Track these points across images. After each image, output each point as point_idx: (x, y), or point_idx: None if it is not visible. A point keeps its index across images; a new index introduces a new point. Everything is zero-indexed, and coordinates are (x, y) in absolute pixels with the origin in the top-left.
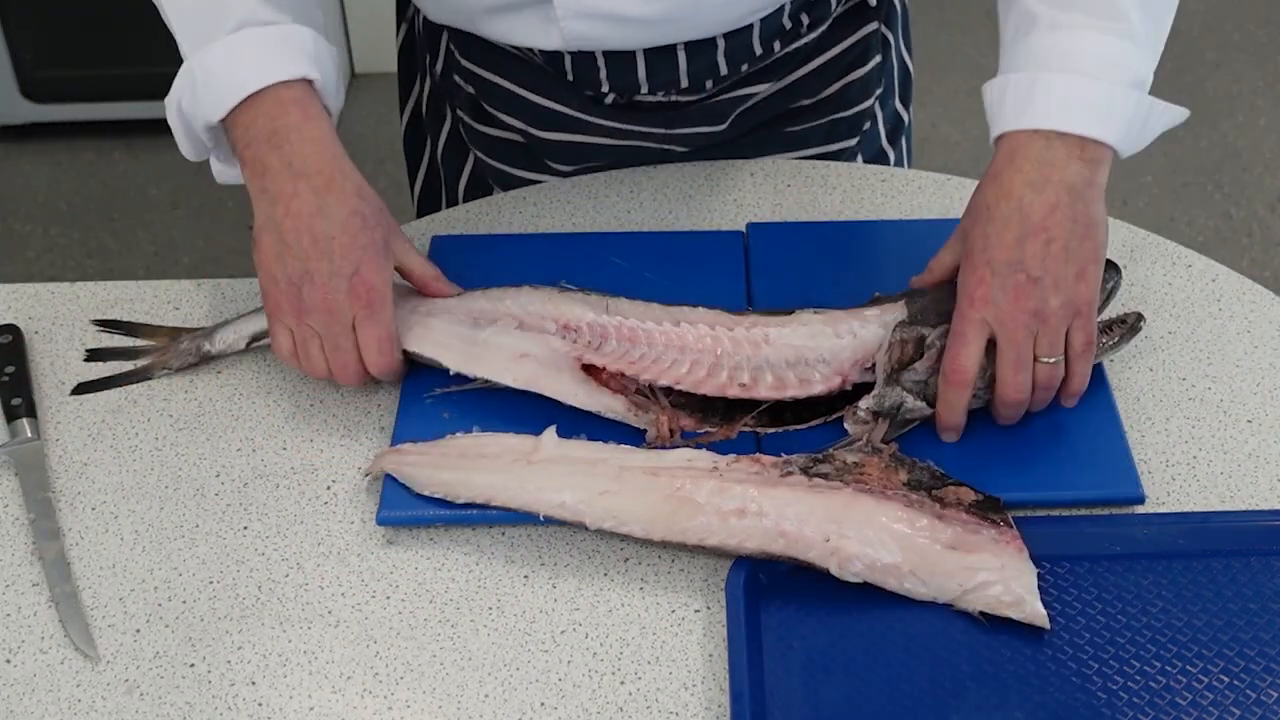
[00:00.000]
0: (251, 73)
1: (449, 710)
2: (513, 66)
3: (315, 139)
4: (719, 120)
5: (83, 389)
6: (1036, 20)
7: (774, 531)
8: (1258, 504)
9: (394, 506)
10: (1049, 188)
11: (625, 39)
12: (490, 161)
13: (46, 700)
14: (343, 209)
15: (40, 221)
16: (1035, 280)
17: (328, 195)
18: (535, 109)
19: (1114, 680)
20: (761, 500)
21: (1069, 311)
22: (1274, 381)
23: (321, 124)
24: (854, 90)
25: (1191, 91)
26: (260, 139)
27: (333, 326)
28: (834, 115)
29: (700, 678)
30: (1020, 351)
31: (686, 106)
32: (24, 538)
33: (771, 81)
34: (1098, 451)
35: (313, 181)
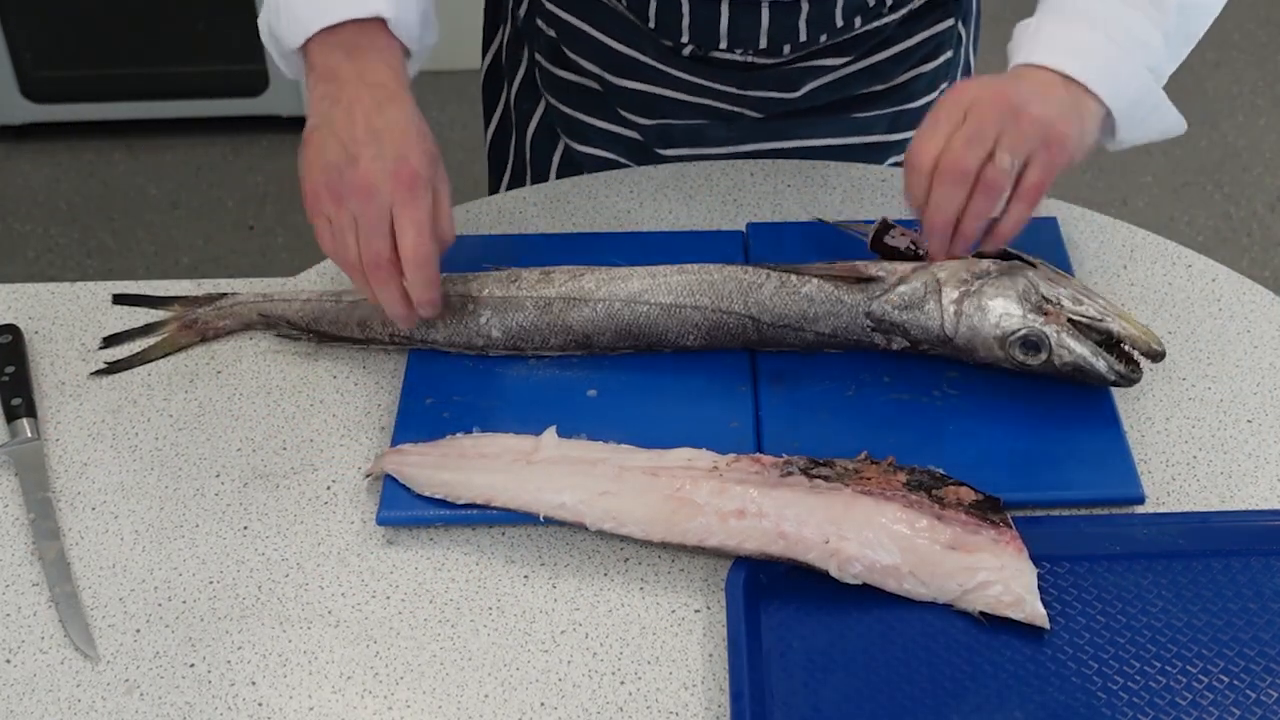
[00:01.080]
0: (329, 5)
1: (449, 710)
2: (596, 10)
3: (389, 64)
4: (792, 88)
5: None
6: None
7: (773, 533)
8: (1258, 504)
9: (394, 506)
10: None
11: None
12: (562, 108)
13: (46, 700)
14: (403, 117)
15: (40, 221)
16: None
17: (390, 105)
18: (614, 55)
19: (1113, 680)
20: (761, 501)
21: (1042, 134)
22: (1274, 381)
23: (395, 56)
24: (922, 82)
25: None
26: (337, 49)
27: (369, 208)
28: (901, 106)
29: (700, 678)
30: (980, 129)
31: (762, 69)
32: (24, 538)
33: (847, 58)
34: (1098, 451)
35: (379, 93)
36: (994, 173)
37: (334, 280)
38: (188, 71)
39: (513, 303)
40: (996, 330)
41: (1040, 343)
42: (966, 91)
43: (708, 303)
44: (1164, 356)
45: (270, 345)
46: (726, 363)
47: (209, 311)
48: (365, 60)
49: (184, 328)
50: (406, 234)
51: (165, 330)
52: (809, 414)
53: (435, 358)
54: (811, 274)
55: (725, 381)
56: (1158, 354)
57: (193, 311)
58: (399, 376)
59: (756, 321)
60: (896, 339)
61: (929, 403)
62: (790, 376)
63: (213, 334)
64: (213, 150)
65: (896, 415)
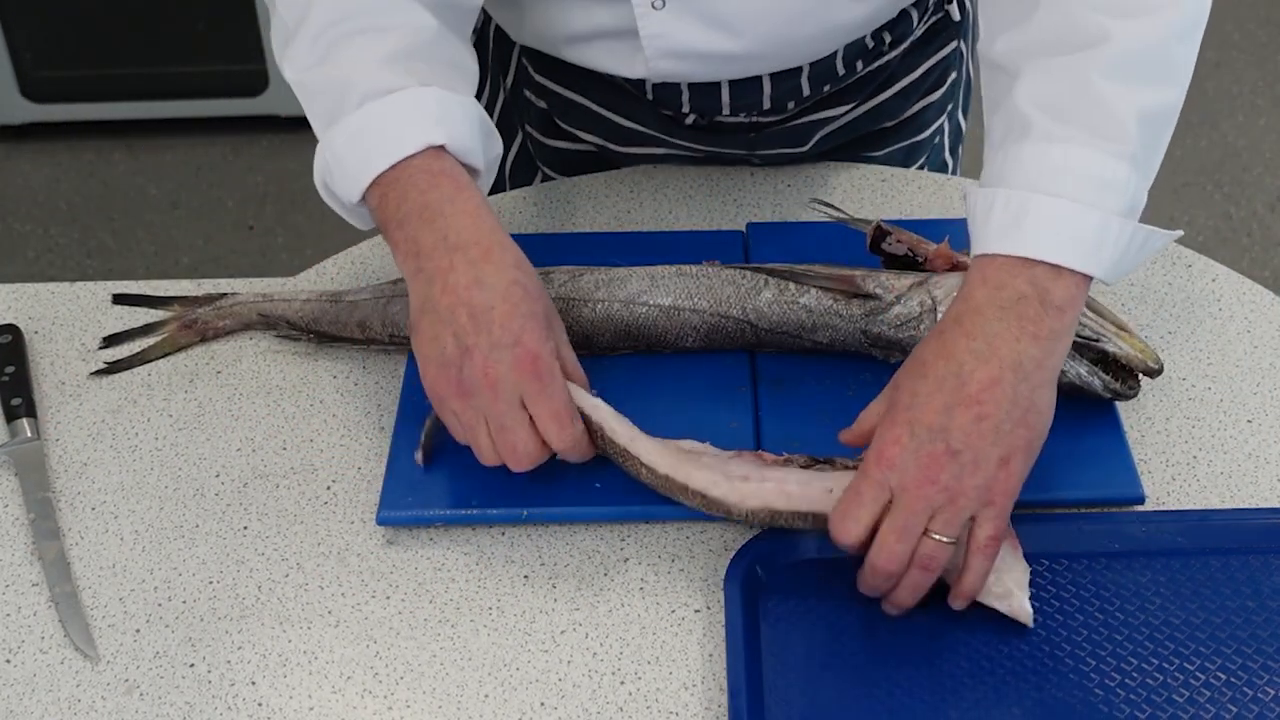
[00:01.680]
0: (376, 150)
1: (449, 710)
2: (590, 85)
3: (469, 211)
4: (801, 142)
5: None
6: (1030, 128)
7: (777, 492)
8: (1258, 504)
9: (394, 506)
10: (994, 360)
11: (711, 73)
12: (560, 178)
13: (46, 700)
14: (502, 279)
15: (40, 221)
16: (954, 454)
17: (485, 266)
18: (613, 126)
19: (1111, 677)
20: (767, 472)
21: (982, 498)
22: (1274, 381)
23: (473, 194)
24: (932, 110)
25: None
26: (412, 216)
27: (498, 404)
28: (914, 138)
29: (700, 677)
30: (910, 521)
31: (768, 128)
32: (24, 538)
33: (853, 103)
34: (1098, 451)
35: (469, 253)
36: (928, 551)
37: (334, 280)
38: (188, 71)
39: None
40: None
41: None
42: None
43: (706, 306)
44: (1161, 373)
45: (270, 345)
46: (726, 364)
47: (209, 311)
48: (443, 220)
49: (184, 328)
50: (547, 425)
51: (165, 330)
52: (808, 415)
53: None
54: (810, 282)
55: (725, 382)
56: (1154, 371)
57: (193, 311)
58: (399, 376)
59: (755, 327)
60: (895, 355)
61: None
62: (790, 378)
63: (213, 334)
64: (213, 150)
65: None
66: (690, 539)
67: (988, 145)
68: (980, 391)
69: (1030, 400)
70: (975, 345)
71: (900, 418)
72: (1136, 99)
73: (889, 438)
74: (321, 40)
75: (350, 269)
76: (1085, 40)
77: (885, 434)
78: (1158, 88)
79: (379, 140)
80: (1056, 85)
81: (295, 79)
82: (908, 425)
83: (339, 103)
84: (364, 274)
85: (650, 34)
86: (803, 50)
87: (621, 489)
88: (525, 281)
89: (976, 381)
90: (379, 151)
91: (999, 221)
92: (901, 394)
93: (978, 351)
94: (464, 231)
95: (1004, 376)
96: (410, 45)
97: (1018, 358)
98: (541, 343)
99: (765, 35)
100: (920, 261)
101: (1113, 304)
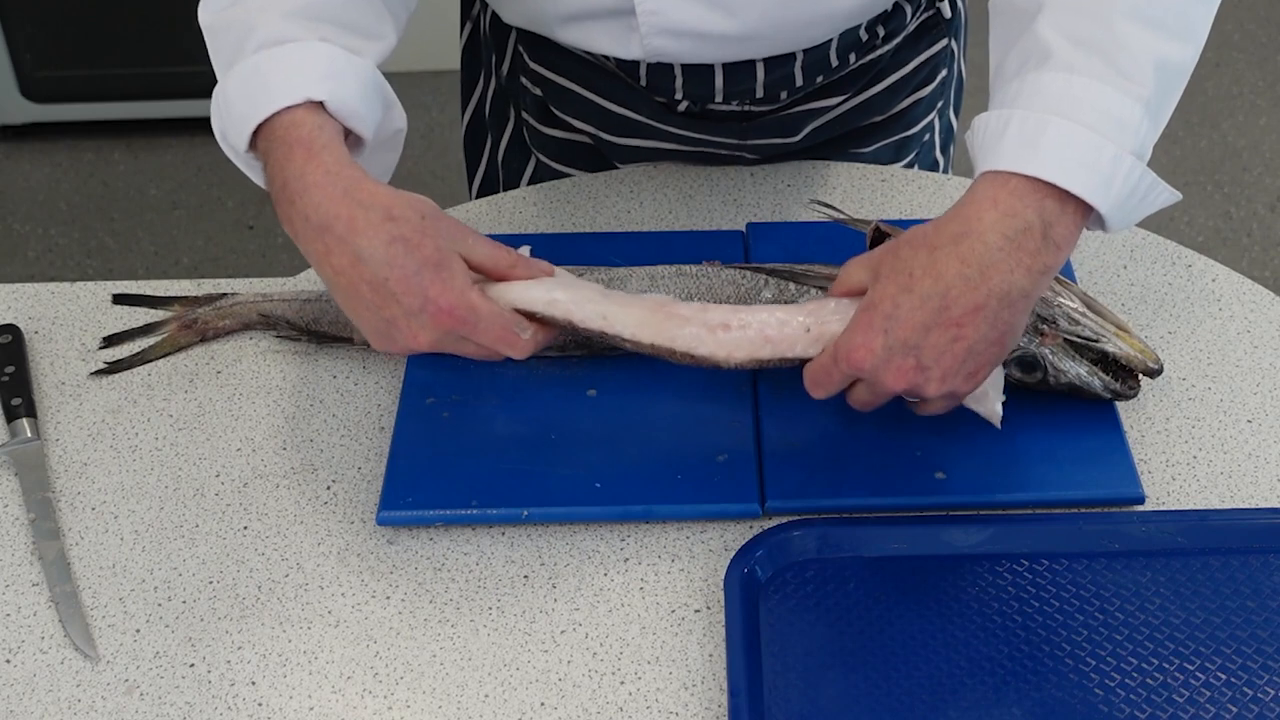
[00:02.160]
0: (260, 98)
1: (449, 710)
2: (584, 71)
3: (320, 182)
4: (792, 133)
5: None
6: (1050, 55)
7: (759, 339)
8: (1257, 504)
9: (394, 506)
10: (983, 288)
11: (706, 54)
12: (553, 164)
13: (46, 700)
14: (378, 244)
15: (40, 221)
16: (924, 369)
17: (357, 239)
18: (605, 114)
19: (1111, 677)
20: (744, 315)
21: (942, 401)
22: (1274, 381)
23: (321, 159)
24: (921, 107)
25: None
26: (279, 195)
27: (446, 345)
28: (904, 134)
29: (700, 677)
30: (876, 400)
31: (760, 117)
32: (24, 538)
33: (844, 95)
34: (1098, 451)
35: (336, 230)
36: None
37: None
38: (188, 71)
39: None
40: None
41: (1036, 363)
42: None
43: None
44: (1161, 373)
45: (270, 345)
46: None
47: (209, 311)
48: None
49: (184, 328)
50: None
51: (165, 330)
52: (808, 414)
53: (435, 358)
54: (810, 282)
55: (725, 381)
56: (1154, 371)
57: (193, 311)
58: (399, 376)
59: None
60: None
61: None
62: (790, 378)
63: (213, 334)
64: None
65: (897, 416)
66: (690, 539)
67: (997, 79)
68: (962, 316)
69: (1008, 324)
70: (968, 271)
71: (876, 323)
72: (1156, 46)
73: (859, 342)
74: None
75: None
76: None
77: (857, 337)
78: (1175, 41)
79: (264, 89)
80: (1080, 19)
81: (205, 21)
82: (882, 333)
83: (238, 47)
84: None
85: (646, 10)
86: (798, 35)
87: (621, 489)
88: (402, 232)
89: (960, 307)
90: (263, 99)
91: (1014, 140)
92: (882, 296)
93: (968, 277)
94: (322, 206)
95: (988, 304)
96: (321, 2)
97: (1007, 288)
98: (450, 292)
99: (760, 16)
100: None
101: (1113, 304)
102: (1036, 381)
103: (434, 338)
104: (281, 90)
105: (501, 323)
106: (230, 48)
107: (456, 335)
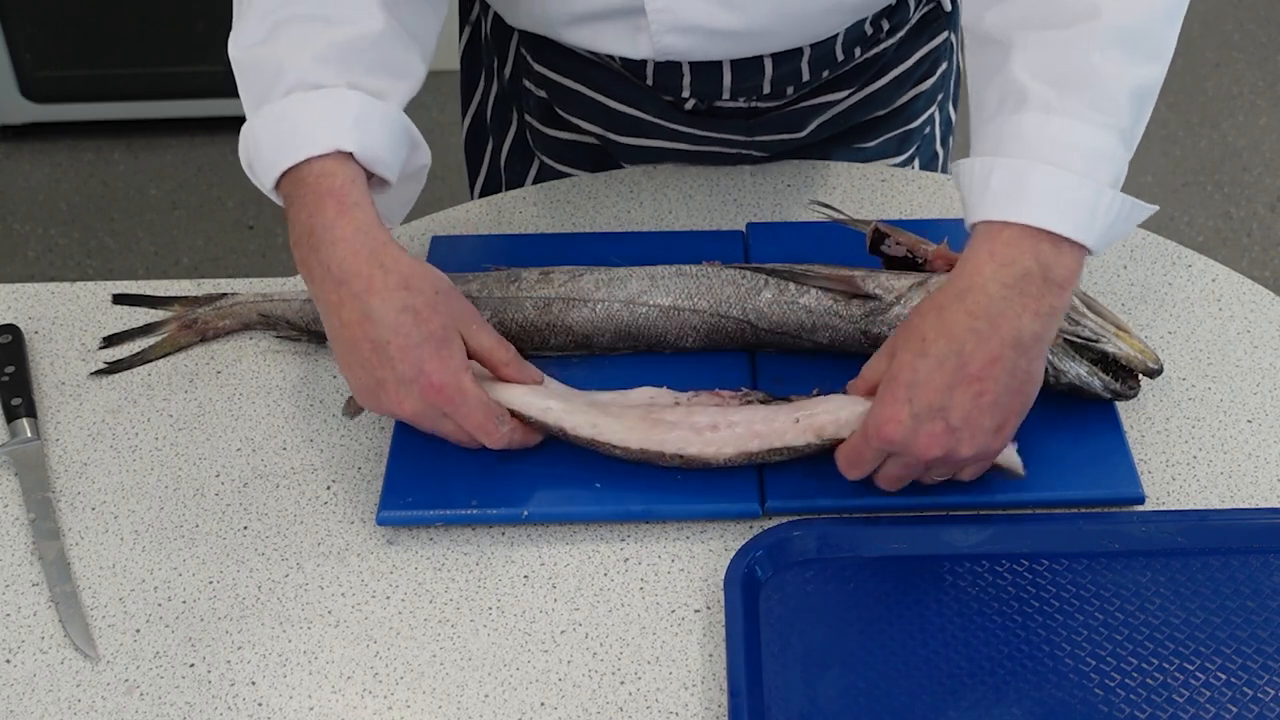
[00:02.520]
0: (289, 144)
1: (449, 710)
2: (589, 72)
3: (348, 238)
4: (797, 128)
5: (112, 369)
6: (1027, 98)
7: (747, 434)
8: (1257, 504)
9: (394, 506)
10: (994, 339)
11: (715, 50)
12: (557, 166)
13: (46, 700)
14: (389, 309)
15: (40, 221)
16: (953, 430)
17: (371, 298)
18: (611, 114)
19: (1111, 677)
20: (731, 415)
21: (975, 461)
22: (1274, 381)
23: (354, 216)
24: (922, 100)
25: (1191, 91)
26: (302, 239)
27: (424, 421)
28: (906, 127)
29: (700, 677)
30: (908, 471)
31: (766, 113)
32: (24, 538)
33: (849, 89)
34: (1098, 451)
35: (353, 286)
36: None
37: None
38: (188, 71)
39: (512, 303)
40: None
41: None
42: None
43: (706, 306)
44: (1161, 373)
45: (270, 345)
46: (726, 363)
47: (209, 311)
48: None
49: (184, 328)
50: (479, 440)
51: (165, 330)
52: None
53: None
54: (810, 282)
55: (725, 382)
56: (1154, 372)
57: (193, 311)
58: None
59: (754, 327)
60: None
61: None
62: (790, 378)
63: (213, 334)
64: (213, 150)
65: None
66: (690, 539)
67: (977, 117)
68: (981, 370)
69: (1026, 372)
70: (978, 325)
71: (900, 394)
72: (1128, 74)
73: (887, 415)
74: (268, 20)
75: None
76: (1075, 14)
77: (884, 410)
78: (1147, 64)
79: (292, 135)
80: (1052, 56)
81: (235, 56)
82: (907, 403)
83: (268, 87)
84: None
85: (657, 8)
86: (806, 29)
87: (622, 489)
88: (415, 303)
89: (977, 361)
90: (291, 145)
91: (1000, 188)
92: (901, 367)
93: (979, 331)
94: (345, 262)
95: (1004, 354)
96: (350, 42)
97: (1018, 334)
98: (444, 370)
99: (770, 11)
100: (920, 262)
101: (1113, 304)
102: None
103: (418, 409)
104: (310, 138)
105: (485, 411)
106: (260, 87)
107: (440, 412)
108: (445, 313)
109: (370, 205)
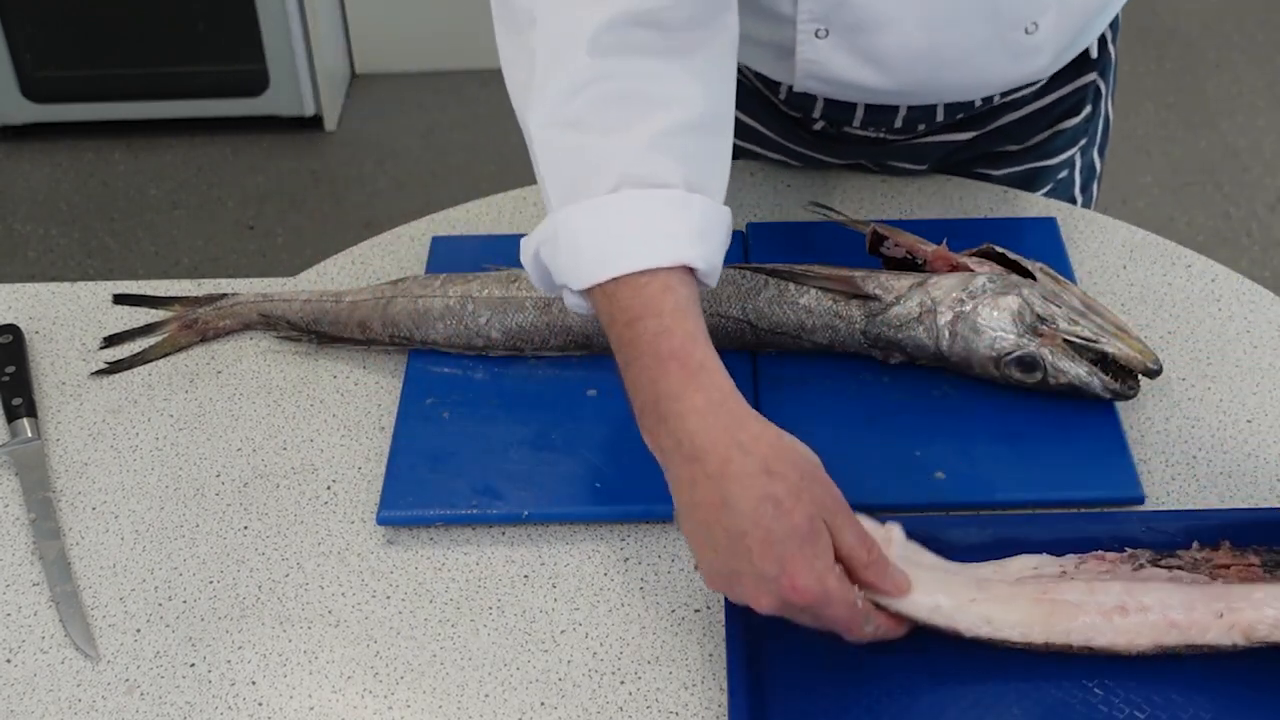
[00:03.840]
0: (624, 249)
1: (449, 710)
2: None
3: (699, 409)
4: (922, 160)
5: (112, 369)
6: None
7: (1163, 624)
8: (1257, 504)
9: (394, 506)
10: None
11: (852, 97)
12: None
13: (46, 700)
14: (748, 497)
15: (40, 221)
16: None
17: (728, 484)
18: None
19: (1111, 677)
20: (1139, 596)
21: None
22: (1274, 381)
23: (704, 381)
24: (1062, 139)
25: (1191, 91)
26: (646, 405)
27: (784, 613)
28: (1037, 163)
29: (700, 677)
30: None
31: (893, 144)
32: (24, 538)
33: (981, 129)
34: (1098, 451)
35: (707, 466)
36: None
37: (334, 280)
38: (188, 71)
39: (513, 303)
40: (991, 351)
41: (1035, 364)
42: None
43: (706, 306)
44: (1160, 373)
45: (270, 345)
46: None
47: (209, 311)
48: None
49: (184, 328)
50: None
51: (165, 330)
52: (809, 415)
53: (435, 358)
54: (810, 283)
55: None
56: (1153, 372)
57: (193, 311)
58: (399, 376)
59: (754, 327)
60: (894, 355)
61: (929, 404)
62: (790, 378)
63: (213, 334)
64: (213, 150)
65: (897, 417)
66: None
67: None
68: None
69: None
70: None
71: None
72: None
73: None
74: (581, 97)
75: (350, 269)
76: None
77: None
78: None
79: (628, 239)
80: None
81: (539, 134)
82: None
83: (591, 177)
84: (364, 274)
85: (806, 58)
86: (947, 94)
87: (621, 489)
88: (776, 492)
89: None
90: (627, 251)
91: None
92: None
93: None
94: (698, 436)
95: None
96: (679, 126)
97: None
98: (809, 572)
99: (915, 79)
100: (919, 263)
101: (1112, 304)
102: (1036, 382)
103: (776, 605)
104: (650, 246)
105: (850, 612)
106: (580, 175)
107: (799, 609)
108: (810, 502)
109: (716, 362)
